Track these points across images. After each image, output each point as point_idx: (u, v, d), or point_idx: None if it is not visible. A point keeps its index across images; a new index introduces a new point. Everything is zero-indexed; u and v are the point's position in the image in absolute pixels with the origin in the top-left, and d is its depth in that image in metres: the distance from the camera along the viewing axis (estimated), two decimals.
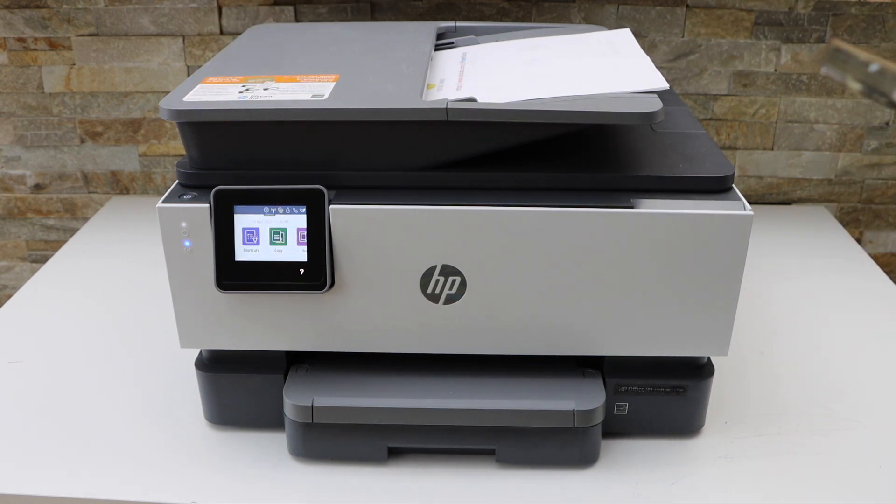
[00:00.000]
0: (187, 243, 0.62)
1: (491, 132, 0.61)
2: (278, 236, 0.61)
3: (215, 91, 0.63)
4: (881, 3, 1.05)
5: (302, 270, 0.61)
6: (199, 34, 1.11)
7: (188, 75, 1.13)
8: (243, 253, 0.61)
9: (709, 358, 0.70)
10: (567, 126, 0.61)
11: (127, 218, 1.14)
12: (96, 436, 0.72)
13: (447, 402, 0.66)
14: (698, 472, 0.68)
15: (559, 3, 1.08)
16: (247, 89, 0.63)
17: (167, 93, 0.85)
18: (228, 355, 0.69)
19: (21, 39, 1.12)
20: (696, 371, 0.69)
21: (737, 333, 0.83)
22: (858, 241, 1.21)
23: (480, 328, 0.65)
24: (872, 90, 0.39)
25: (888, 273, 1.15)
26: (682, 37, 1.09)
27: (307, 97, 0.62)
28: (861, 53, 0.39)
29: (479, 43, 0.85)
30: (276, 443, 0.71)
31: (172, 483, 0.67)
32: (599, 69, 0.69)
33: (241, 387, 0.70)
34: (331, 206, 0.61)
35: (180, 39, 1.11)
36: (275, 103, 0.61)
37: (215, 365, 0.70)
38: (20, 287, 0.99)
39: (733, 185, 0.63)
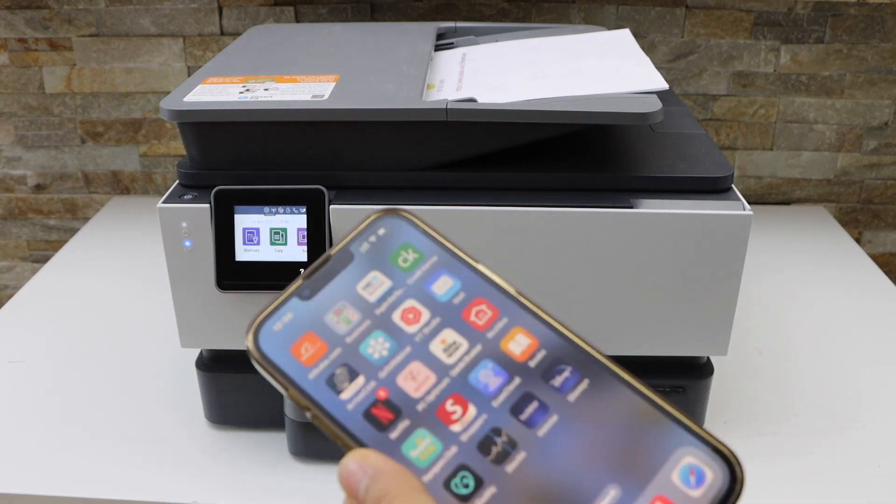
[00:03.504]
0: (188, 243, 0.62)
1: (491, 132, 0.62)
2: (278, 236, 0.61)
3: (216, 91, 0.63)
4: (880, 4, 1.05)
5: (302, 270, 0.61)
6: (199, 34, 1.11)
7: (188, 76, 1.14)
8: (243, 253, 0.62)
9: (708, 358, 0.70)
10: (567, 126, 0.61)
11: (127, 218, 1.14)
12: (97, 436, 0.72)
13: None
14: None
15: (559, 3, 1.08)
16: (247, 89, 0.64)
17: (168, 93, 0.85)
18: (228, 355, 0.69)
19: (22, 40, 1.12)
20: (695, 371, 0.69)
21: (736, 333, 0.83)
22: (857, 241, 1.21)
23: None
24: None
25: (887, 273, 1.16)
26: (682, 37, 1.09)
27: (307, 97, 0.62)
28: None
29: (479, 43, 0.85)
30: (276, 443, 0.71)
31: (172, 483, 0.67)
32: (599, 69, 0.69)
33: (241, 387, 0.70)
34: (331, 206, 0.61)
35: (181, 40, 1.11)
36: (275, 103, 0.61)
37: (215, 365, 0.70)
38: (21, 287, 0.99)
39: (732, 185, 0.63)
